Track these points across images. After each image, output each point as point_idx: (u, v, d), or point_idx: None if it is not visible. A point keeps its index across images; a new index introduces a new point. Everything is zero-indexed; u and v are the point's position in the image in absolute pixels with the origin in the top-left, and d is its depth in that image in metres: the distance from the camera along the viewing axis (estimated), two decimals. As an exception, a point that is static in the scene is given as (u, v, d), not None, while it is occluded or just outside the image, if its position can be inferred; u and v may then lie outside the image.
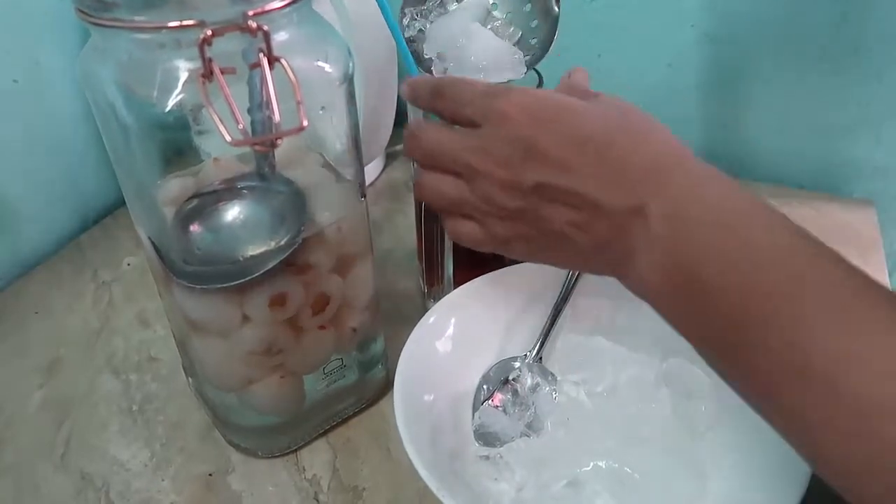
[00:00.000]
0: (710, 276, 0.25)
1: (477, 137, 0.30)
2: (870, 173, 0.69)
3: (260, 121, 0.29)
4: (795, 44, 0.64)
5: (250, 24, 0.26)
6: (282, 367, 0.38)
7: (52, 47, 0.60)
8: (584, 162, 0.28)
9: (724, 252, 0.25)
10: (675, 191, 0.27)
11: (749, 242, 0.25)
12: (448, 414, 0.39)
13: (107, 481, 0.41)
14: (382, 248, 0.59)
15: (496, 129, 0.29)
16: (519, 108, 0.29)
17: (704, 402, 0.38)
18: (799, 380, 0.22)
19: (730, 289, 0.24)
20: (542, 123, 0.29)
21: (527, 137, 0.29)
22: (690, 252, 0.26)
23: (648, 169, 0.27)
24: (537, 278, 0.43)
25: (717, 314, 0.25)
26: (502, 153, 0.29)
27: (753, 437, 0.32)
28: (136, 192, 0.34)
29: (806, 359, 0.22)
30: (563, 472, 0.37)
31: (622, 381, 0.41)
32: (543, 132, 0.28)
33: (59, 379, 0.48)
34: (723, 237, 0.25)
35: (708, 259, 0.25)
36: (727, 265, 0.25)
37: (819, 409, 0.22)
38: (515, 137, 0.29)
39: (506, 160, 0.29)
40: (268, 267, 0.33)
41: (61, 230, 0.64)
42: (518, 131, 0.29)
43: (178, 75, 0.28)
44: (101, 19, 0.27)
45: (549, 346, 0.43)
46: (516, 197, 0.30)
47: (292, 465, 0.41)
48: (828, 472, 0.23)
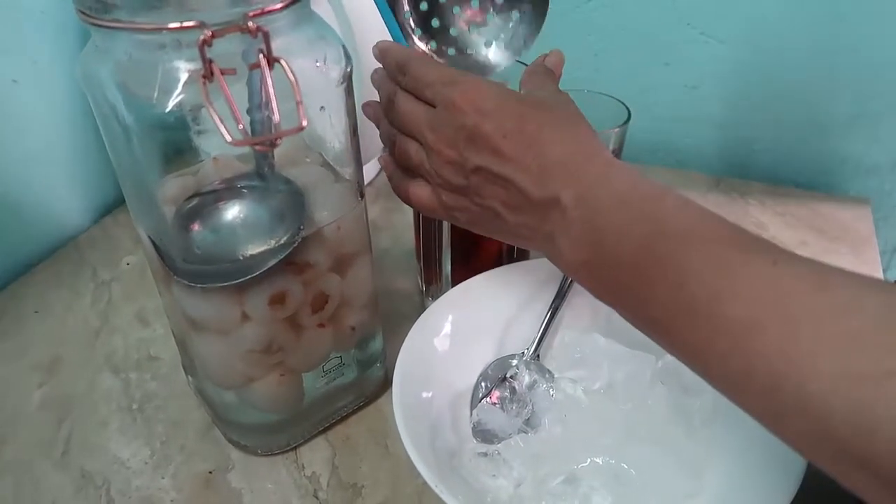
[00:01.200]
0: (617, 247, 0.29)
1: (434, 117, 0.34)
2: (865, 171, 0.69)
3: (260, 121, 0.29)
4: (791, 42, 0.64)
5: (250, 24, 0.27)
6: (281, 365, 0.38)
7: (51, 48, 0.60)
8: (516, 153, 0.32)
9: (628, 226, 0.29)
10: (587, 180, 0.31)
11: (649, 216, 0.29)
12: (446, 411, 0.40)
13: (107, 479, 0.41)
14: (381, 248, 0.59)
15: (447, 115, 0.33)
16: (466, 99, 0.33)
17: (700, 399, 0.38)
18: (688, 315, 0.26)
19: (633, 255, 0.28)
20: (485, 114, 0.32)
21: (471, 126, 0.32)
22: (600, 230, 0.30)
23: (566, 162, 0.31)
24: (535, 276, 0.44)
25: (626, 279, 0.29)
26: (450, 136, 0.33)
27: (748, 433, 0.33)
28: (137, 191, 0.34)
29: (692, 297, 0.26)
30: (560, 469, 0.37)
31: (619, 379, 0.41)
32: (485, 122, 0.32)
33: (59, 378, 0.48)
34: (627, 214, 0.29)
35: (615, 234, 0.29)
36: (631, 237, 0.28)
37: (704, 337, 0.25)
38: (461, 125, 0.33)
39: (453, 143, 0.33)
40: (267, 266, 0.33)
41: (60, 230, 0.64)
42: (464, 119, 0.33)
43: (179, 76, 0.28)
44: (101, 20, 0.27)
45: (546, 344, 0.43)
46: (460, 175, 0.34)
47: (292, 463, 0.41)
48: (718, 386, 0.26)
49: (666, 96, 0.71)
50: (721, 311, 0.25)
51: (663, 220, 0.28)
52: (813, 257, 0.25)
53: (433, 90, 0.34)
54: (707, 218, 0.28)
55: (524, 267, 0.44)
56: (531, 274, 0.44)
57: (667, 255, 0.27)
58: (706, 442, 0.37)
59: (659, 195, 0.30)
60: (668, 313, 0.27)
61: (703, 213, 0.28)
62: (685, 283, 0.26)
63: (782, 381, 0.23)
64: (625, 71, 0.71)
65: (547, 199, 0.31)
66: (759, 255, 0.26)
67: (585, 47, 0.71)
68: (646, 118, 0.70)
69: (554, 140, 0.32)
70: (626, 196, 0.30)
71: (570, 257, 0.31)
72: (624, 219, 0.29)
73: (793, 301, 0.24)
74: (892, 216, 0.71)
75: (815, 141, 0.69)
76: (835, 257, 0.57)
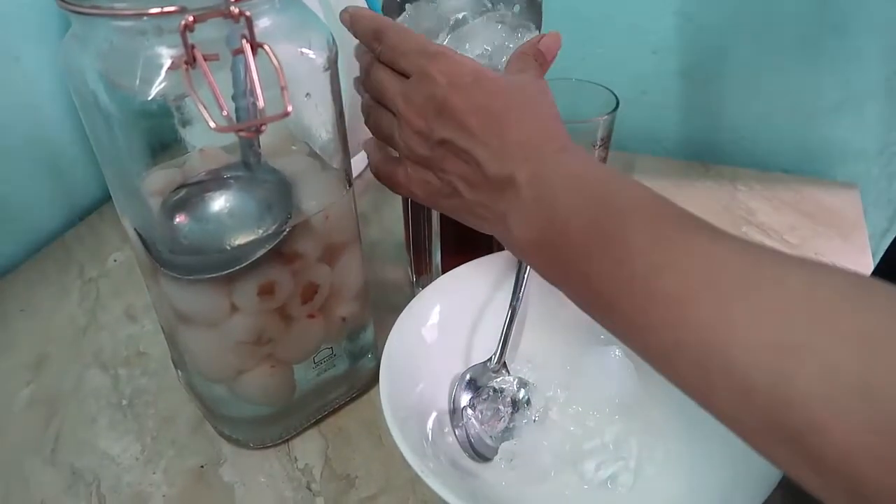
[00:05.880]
0: (566, 226, 0.29)
1: (407, 86, 0.34)
2: (852, 156, 0.70)
3: (244, 107, 0.29)
4: (776, 27, 0.64)
5: (232, 9, 0.26)
6: (272, 356, 0.38)
7: (32, 43, 0.59)
8: (481, 129, 0.32)
9: (578, 206, 0.29)
10: (542, 161, 0.31)
11: (597, 196, 0.29)
12: (435, 400, 0.39)
13: (97, 476, 0.40)
14: (371, 239, 0.59)
15: (419, 85, 0.34)
16: (441, 71, 0.33)
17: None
18: (628, 289, 0.27)
19: (581, 233, 0.29)
20: (457, 88, 0.33)
21: (441, 97, 0.33)
22: (551, 209, 0.30)
23: (524, 143, 0.32)
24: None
25: (573, 256, 0.29)
26: (420, 106, 0.34)
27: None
28: (122, 183, 0.34)
29: (632, 271, 0.26)
30: (551, 454, 0.37)
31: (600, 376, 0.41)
32: (456, 95, 0.33)
33: (47, 376, 0.48)
34: (578, 195, 0.30)
35: (565, 213, 0.30)
36: (580, 216, 0.29)
37: (641, 310, 0.26)
38: (432, 94, 0.33)
39: (422, 112, 0.34)
40: (255, 256, 0.33)
41: (46, 228, 0.63)
42: (435, 90, 0.33)
43: (161, 63, 0.28)
44: (80, 7, 0.27)
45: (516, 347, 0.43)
46: (425, 146, 0.34)
47: (284, 455, 0.41)
48: (653, 362, 0.27)
49: (654, 84, 0.71)
50: (657, 285, 0.25)
51: (610, 200, 0.29)
52: (802, 242, 0.26)
53: (408, 60, 0.34)
54: (652, 198, 0.29)
55: (513, 256, 0.44)
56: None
57: (612, 232, 0.28)
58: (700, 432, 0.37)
59: (609, 178, 0.30)
60: (611, 288, 0.27)
61: (650, 193, 0.29)
62: (627, 258, 0.27)
63: (710, 353, 0.23)
64: (612, 59, 0.71)
65: (503, 177, 0.32)
66: (698, 232, 0.27)
67: (572, 36, 0.71)
68: (634, 106, 0.70)
69: (518, 120, 0.33)
70: (578, 178, 0.31)
71: (520, 236, 0.32)
72: (574, 199, 0.30)
73: (724, 275, 0.24)
74: (879, 201, 0.72)
75: (803, 127, 0.69)
76: (824, 242, 0.57)
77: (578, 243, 0.29)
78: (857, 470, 0.20)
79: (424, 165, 0.35)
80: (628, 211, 0.28)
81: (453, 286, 0.42)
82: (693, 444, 0.36)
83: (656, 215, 0.28)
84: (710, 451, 0.34)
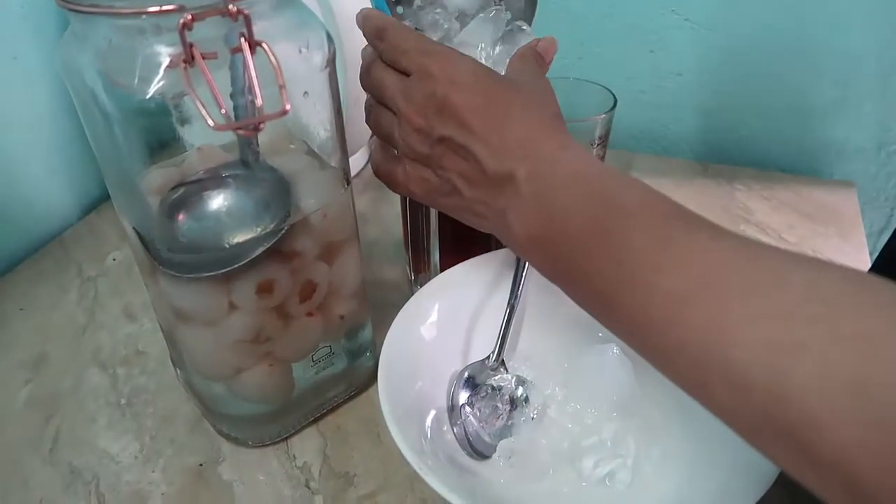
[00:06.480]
0: (566, 223, 0.30)
1: (406, 84, 0.35)
2: (849, 155, 0.70)
3: (243, 106, 0.29)
4: (774, 26, 0.64)
5: (231, 8, 0.26)
6: (270, 355, 0.38)
7: (30, 42, 0.59)
8: (482, 126, 0.32)
9: (578, 203, 0.30)
10: (542, 158, 0.32)
11: (597, 193, 0.30)
12: (434, 398, 0.39)
13: (96, 474, 0.40)
14: (370, 238, 0.59)
15: (420, 83, 0.34)
16: (441, 69, 0.33)
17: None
18: (629, 287, 0.27)
19: (581, 230, 0.29)
20: (458, 86, 0.33)
21: (441, 95, 0.33)
22: (551, 206, 0.30)
23: (524, 140, 0.32)
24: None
25: (573, 253, 0.29)
26: (420, 104, 0.34)
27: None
28: (120, 181, 0.34)
29: (633, 270, 0.26)
30: (549, 452, 0.37)
31: (598, 374, 0.41)
32: (456, 94, 0.33)
33: (46, 374, 0.48)
34: (578, 192, 0.30)
35: (565, 210, 0.30)
36: (580, 213, 0.29)
37: (641, 309, 0.26)
38: (432, 93, 0.33)
39: (423, 111, 0.34)
40: (254, 254, 0.33)
41: (44, 227, 0.63)
42: (435, 88, 0.33)
43: (159, 61, 0.28)
44: (79, 5, 0.27)
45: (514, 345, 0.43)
46: (425, 144, 0.34)
47: (283, 454, 0.41)
48: (652, 360, 0.27)
49: (651, 83, 0.71)
50: (658, 283, 0.25)
51: (611, 197, 0.29)
52: (800, 241, 0.26)
53: (409, 58, 0.34)
54: (653, 196, 0.29)
55: (511, 253, 0.44)
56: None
57: (612, 230, 0.28)
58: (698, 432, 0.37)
59: (609, 175, 0.30)
60: (611, 286, 0.27)
61: (650, 191, 0.29)
62: (628, 257, 0.27)
63: (710, 351, 0.23)
64: (610, 59, 0.71)
65: (503, 174, 0.32)
66: (699, 231, 0.27)
67: (570, 36, 0.71)
68: (632, 105, 0.71)
69: (518, 118, 0.33)
70: (578, 175, 0.31)
71: (520, 232, 0.32)
72: (574, 196, 0.30)
73: (724, 274, 0.24)
74: (877, 199, 0.72)
75: (800, 126, 0.70)
76: (822, 240, 0.57)
77: (578, 240, 0.29)
78: (854, 465, 0.20)
79: (423, 163, 0.35)
80: (629, 208, 0.28)
81: (451, 284, 0.42)
82: (691, 441, 0.36)
83: (657, 213, 0.28)
84: (708, 448, 0.34)
